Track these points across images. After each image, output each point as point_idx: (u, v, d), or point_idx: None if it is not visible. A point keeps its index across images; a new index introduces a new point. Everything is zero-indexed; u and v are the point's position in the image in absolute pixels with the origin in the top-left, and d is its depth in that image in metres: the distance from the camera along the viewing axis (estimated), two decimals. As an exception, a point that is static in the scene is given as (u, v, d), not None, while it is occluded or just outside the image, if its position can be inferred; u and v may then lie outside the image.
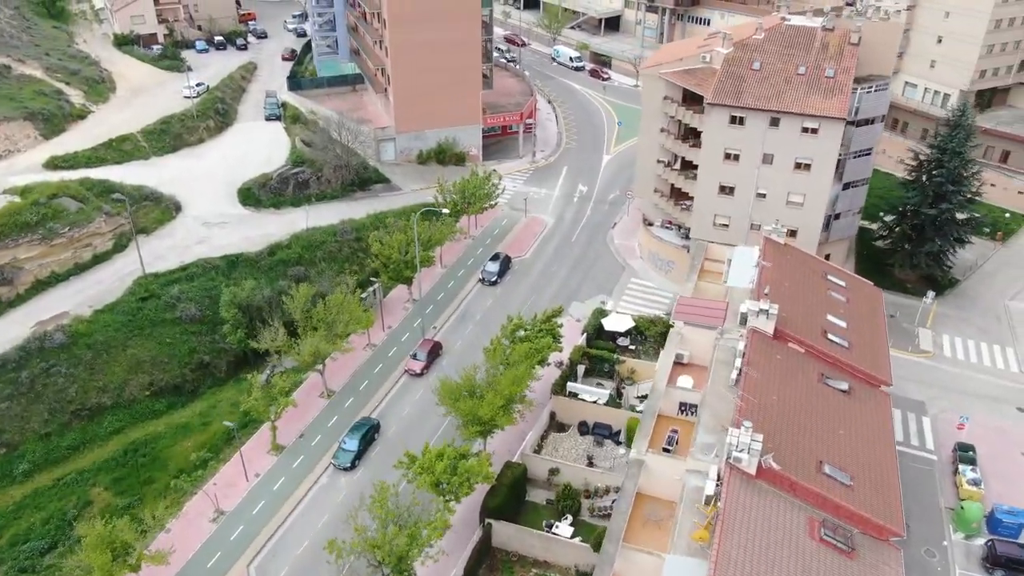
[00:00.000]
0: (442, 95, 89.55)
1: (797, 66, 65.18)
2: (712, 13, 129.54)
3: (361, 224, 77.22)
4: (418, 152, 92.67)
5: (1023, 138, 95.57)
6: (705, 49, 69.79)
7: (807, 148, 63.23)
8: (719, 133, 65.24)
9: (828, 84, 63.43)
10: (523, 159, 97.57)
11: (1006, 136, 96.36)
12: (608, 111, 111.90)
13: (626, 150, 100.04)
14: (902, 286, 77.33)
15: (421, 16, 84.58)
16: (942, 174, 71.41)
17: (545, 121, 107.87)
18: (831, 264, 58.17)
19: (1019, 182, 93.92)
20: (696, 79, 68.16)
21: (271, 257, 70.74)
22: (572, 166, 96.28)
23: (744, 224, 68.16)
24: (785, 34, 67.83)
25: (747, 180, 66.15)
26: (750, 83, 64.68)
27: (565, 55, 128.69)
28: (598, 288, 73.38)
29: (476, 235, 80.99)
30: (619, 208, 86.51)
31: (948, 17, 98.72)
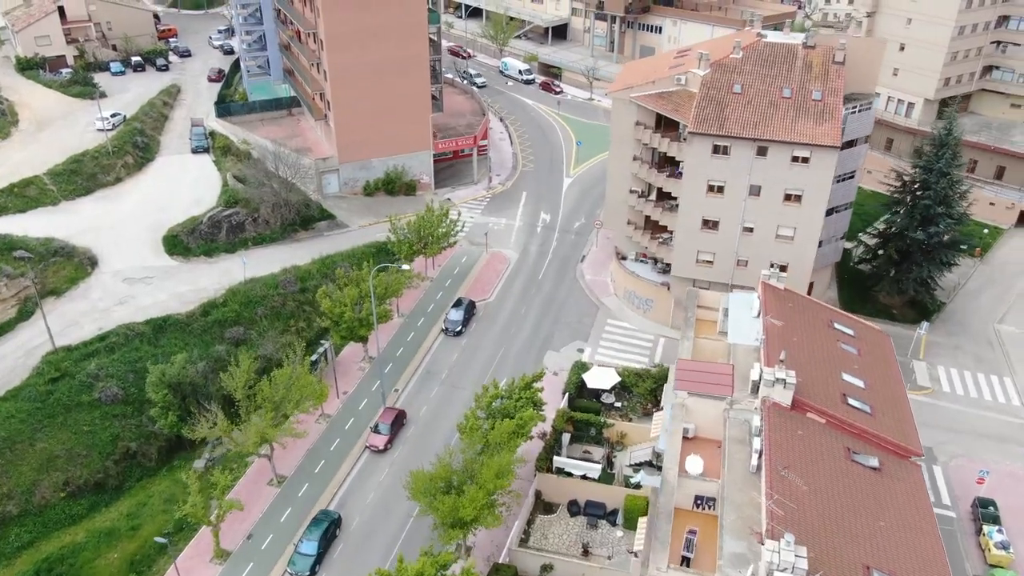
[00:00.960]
0: (388, 121, 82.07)
1: (781, 88, 59.97)
2: (663, 20, 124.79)
3: (306, 272, 69.17)
4: (365, 183, 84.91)
5: (992, 147, 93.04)
6: (679, 70, 64.07)
7: (797, 178, 58.06)
8: (701, 164, 59.60)
9: (817, 108, 58.35)
10: (479, 185, 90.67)
11: (975, 146, 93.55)
12: (564, 128, 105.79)
13: (588, 171, 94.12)
14: (887, 312, 73.28)
15: (362, 36, 76.92)
16: (930, 196, 67.33)
17: (498, 141, 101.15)
18: (834, 310, 52.97)
19: (990, 192, 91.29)
20: (672, 104, 62.38)
21: (205, 318, 62.25)
22: (532, 191, 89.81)
23: (730, 260, 62.74)
24: (764, 53, 62.59)
25: (733, 213, 60.70)
26: (733, 108, 59.18)
27: (514, 68, 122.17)
28: (572, 333, 67.03)
29: (434, 276, 73.76)
30: (586, 238, 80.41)
31: (910, 24, 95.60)
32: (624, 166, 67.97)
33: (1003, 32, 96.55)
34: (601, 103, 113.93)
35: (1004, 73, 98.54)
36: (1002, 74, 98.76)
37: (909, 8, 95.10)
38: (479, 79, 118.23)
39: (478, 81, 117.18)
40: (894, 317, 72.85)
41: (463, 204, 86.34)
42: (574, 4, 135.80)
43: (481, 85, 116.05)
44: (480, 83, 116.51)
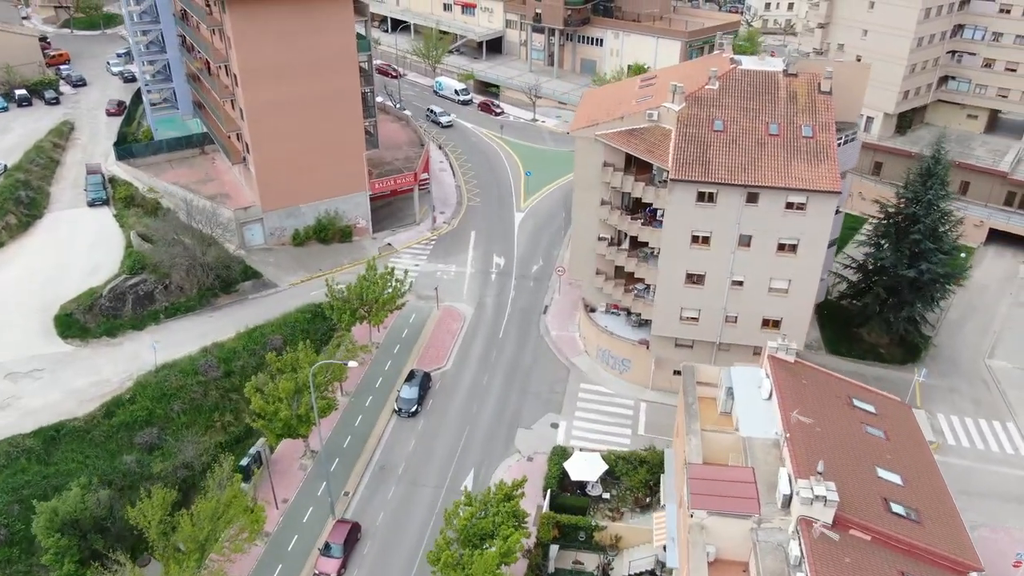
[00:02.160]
0: (317, 161, 72.55)
1: (767, 124, 53.37)
2: (604, 32, 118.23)
3: (230, 350, 59.25)
4: (294, 232, 75.09)
5: (956, 162, 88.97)
6: (650, 104, 56.85)
7: (793, 227, 51.55)
8: (684, 214, 52.49)
9: (809, 146, 51.95)
10: (422, 225, 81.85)
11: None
12: (509, 154, 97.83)
13: (540, 202, 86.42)
14: (875, 351, 68.03)
15: (282, 69, 67.23)
16: (919, 230, 62.10)
17: (439, 172, 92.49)
18: (849, 382, 46.52)
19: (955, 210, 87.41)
20: (645, 144, 55.11)
21: (109, 421, 51.92)
22: (481, 229, 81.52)
23: (718, 317, 55.92)
24: (743, 83, 55.92)
25: (720, 266, 53.83)
26: (716, 149, 52.26)
27: (449, 87, 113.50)
28: (544, 404, 59.14)
29: (380, 341, 64.72)
30: (546, 284, 72.65)
31: (867, 36, 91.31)
32: (591, 211, 60.44)
33: (958, 41, 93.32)
34: (546, 124, 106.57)
35: (960, 83, 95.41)
36: (957, 84, 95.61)
37: (865, 19, 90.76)
38: (444, 117, 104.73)
39: (443, 120, 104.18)
40: (882, 357, 67.63)
41: (406, 249, 77.49)
42: (508, 16, 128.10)
43: (447, 125, 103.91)
44: (446, 122, 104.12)
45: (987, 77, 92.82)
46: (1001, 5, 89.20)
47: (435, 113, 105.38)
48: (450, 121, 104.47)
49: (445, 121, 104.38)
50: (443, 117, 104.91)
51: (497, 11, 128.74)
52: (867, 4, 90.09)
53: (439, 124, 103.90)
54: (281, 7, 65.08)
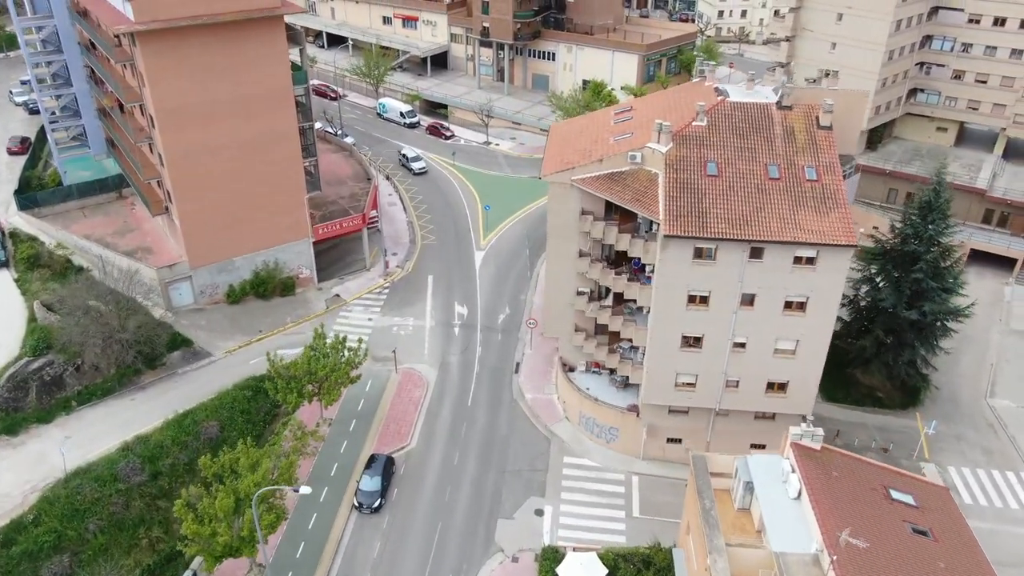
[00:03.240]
0: (252, 209, 64.22)
1: (766, 166, 47.44)
2: (557, 46, 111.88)
3: (157, 445, 50.63)
4: (228, 288, 66.49)
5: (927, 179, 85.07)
6: (631, 144, 50.36)
7: (801, 283, 45.68)
8: (679, 272, 46.15)
9: (815, 191, 46.18)
10: (373, 271, 73.99)
11: (911, 178, 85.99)
12: (463, 182, 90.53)
13: (501, 238, 79.39)
14: (872, 395, 63.21)
15: (207, 108, 58.78)
16: (921, 268, 57.16)
17: (389, 208, 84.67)
18: (881, 466, 40.79)
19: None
20: (631, 191, 48.57)
21: (8, 551, 42.86)
22: (439, 273, 74.08)
23: (717, 382, 49.79)
24: (733, 118, 49.94)
25: (720, 328, 47.68)
26: (712, 197, 46.06)
27: (394, 109, 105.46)
28: (525, 486, 52.14)
29: (334, 416, 56.79)
30: (516, 335, 65.70)
31: (835, 49, 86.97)
32: (567, 263, 53.71)
33: (927, 53, 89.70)
34: (500, 147, 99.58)
35: (929, 96, 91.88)
36: (927, 96, 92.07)
37: (834, 32, 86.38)
38: (417, 163, 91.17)
39: (415, 167, 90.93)
40: (881, 402, 62.77)
41: (356, 301, 69.56)
42: (453, 30, 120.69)
43: (420, 172, 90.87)
44: (418, 169, 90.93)
45: (957, 89, 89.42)
46: (970, 15, 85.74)
47: (407, 158, 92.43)
48: (424, 168, 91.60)
49: (418, 168, 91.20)
50: (415, 163, 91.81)
51: (441, 25, 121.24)
52: (835, 16, 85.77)
53: (411, 171, 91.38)
54: (202, 39, 56.61)
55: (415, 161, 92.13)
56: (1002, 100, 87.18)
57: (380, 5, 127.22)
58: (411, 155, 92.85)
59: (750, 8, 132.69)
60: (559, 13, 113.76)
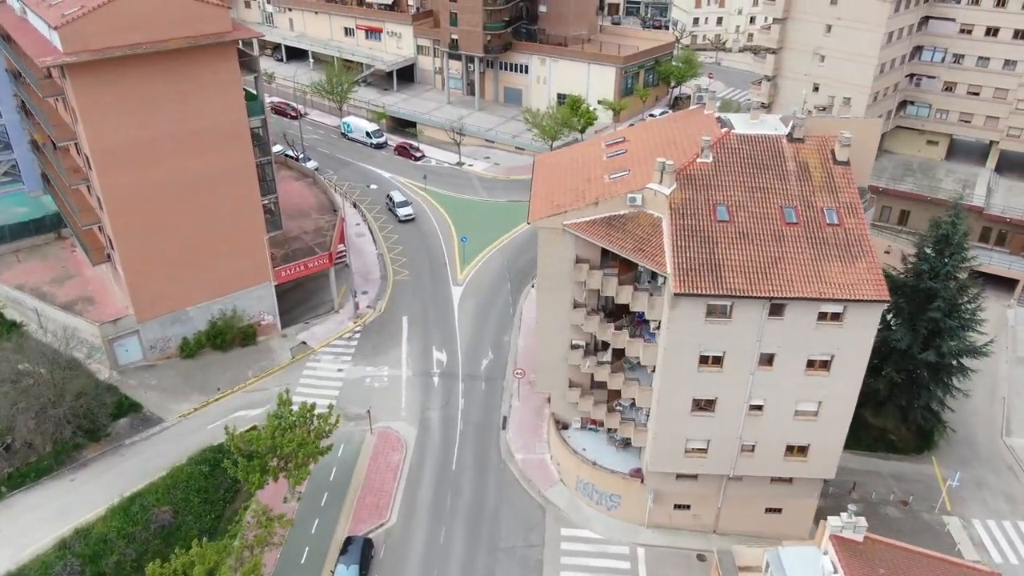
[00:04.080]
0: (206, 254, 57.99)
1: (781, 209, 42.66)
2: (530, 59, 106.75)
3: (100, 539, 44.17)
4: (182, 341, 60.13)
5: (923, 196, 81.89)
6: (629, 184, 45.27)
7: (826, 341, 40.96)
8: (691, 332, 41.14)
9: (837, 237, 41.50)
10: (341, 313, 68.03)
11: (906, 195, 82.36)
12: (435, 208, 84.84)
13: (480, 272, 73.90)
14: (884, 438, 59.05)
15: (151, 146, 52.47)
16: (939, 307, 53.00)
17: (356, 239, 78.69)
18: (928, 555, 36.18)
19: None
20: (633, 239, 43.44)
21: None
22: (414, 313, 68.35)
23: (731, 447, 44.89)
24: (741, 153, 45.13)
25: (735, 390, 42.79)
26: (724, 246, 41.13)
27: (360, 129, 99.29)
28: (520, 566, 46.71)
29: (303, 489, 50.78)
30: (500, 383, 60.32)
31: (824, 62, 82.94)
32: (559, 314, 48.52)
33: (917, 64, 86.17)
34: (473, 168, 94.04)
35: (919, 108, 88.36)
36: (917, 109, 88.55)
37: (823, 44, 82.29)
38: (403, 209, 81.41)
39: (401, 213, 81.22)
40: (894, 446, 58.62)
41: (324, 349, 63.57)
42: (420, 41, 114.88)
43: (406, 218, 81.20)
44: (404, 216, 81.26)
45: (949, 101, 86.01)
46: (962, 25, 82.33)
47: (394, 202, 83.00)
48: (410, 215, 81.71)
49: (403, 215, 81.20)
50: (401, 209, 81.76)
51: (406, 36, 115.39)
52: (823, 28, 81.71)
53: (396, 217, 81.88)
54: (143, 70, 50.27)
55: (401, 207, 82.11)
56: (995, 112, 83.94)
57: (342, 16, 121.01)
58: (398, 199, 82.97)
59: (726, 15, 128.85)
60: (531, 24, 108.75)
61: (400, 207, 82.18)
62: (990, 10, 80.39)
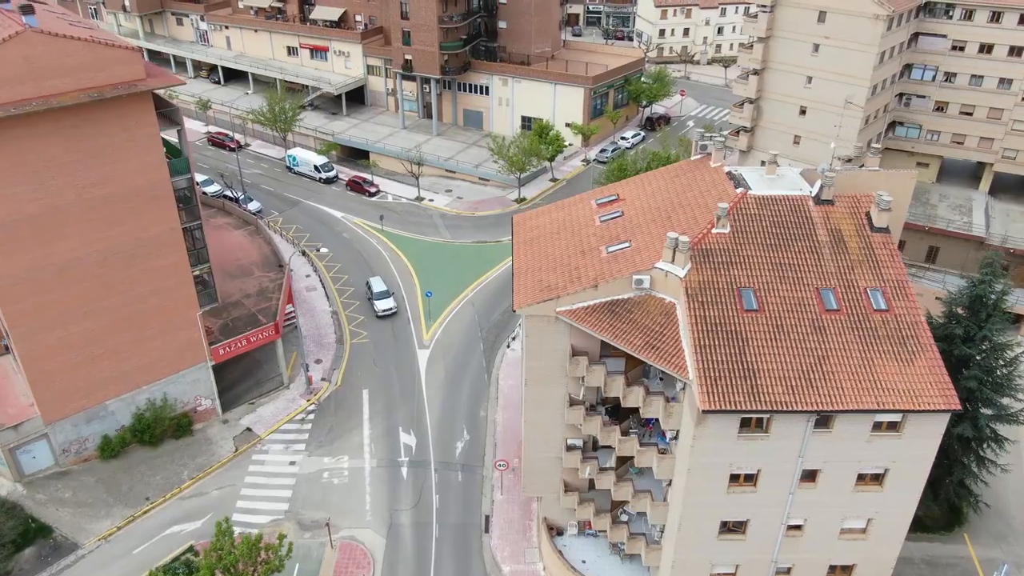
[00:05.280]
0: (127, 338, 49.01)
1: (818, 292, 35.70)
2: (491, 79, 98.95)
3: None
4: (102, 440, 50.94)
5: (927, 228, 76.32)
6: (633, 261, 37.87)
7: (880, 454, 34.18)
8: (721, 451, 33.90)
9: (888, 326, 34.70)
10: (292, 388, 59.45)
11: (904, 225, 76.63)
12: (395, 253, 76.51)
13: (448, 329, 65.91)
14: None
15: (49, 217, 43.42)
16: (976, 377, 46.83)
17: (306, 293, 70.02)
18: None
19: (929, 283, 74.57)
20: (641, 331, 36.01)
21: None
22: (375, 384, 60.10)
23: (764, 572, 37.84)
24: (763, 219, 38.12)
25: (771, 511, 35.72)
26: (757, 344, 33.97)
27: (307, 162, 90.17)
28: None
29: (251, 628, 42.25)
30: (479, 473, 52.47)
31: (811, 83, 76.91)
32: (551, 410, 40.96)
33: (906, 83, 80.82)
34: (434, 203, 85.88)
35: (909, 129, 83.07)
36: (907, 130, 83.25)
37: (810, 64, 76.17)
38: (383, 303, 65.90)
39: (381, 308, 65.76)
40: (922, 524, 52.07)
41: (273, 436, 54.95)
42: (370, 61, 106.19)
43: (386, 312, 65.65)
44: (384, 310, 65.71)
45: (940, 122, 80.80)
46: (954, 42, 77.09)
47: (372, 292, 67.40)
48: (391, 309, 66.07)
49: (382, 309, 65.91)
50: (380, 302, 66.28)
51: (355, 55, 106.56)
52: (810, 47, 75.62)
53: (377, 314, 66.22)
54: (36, 129, 41.21)
55: (381, 299, 66.54)
56: (990, 133, 79.01)
57: (284, 34, 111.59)
58: (377, 289, 67.47)
59: (693, 26, 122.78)
60: (490, 41, 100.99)
61: (379, 299, 66.70)
62: (984, 25, 75.25)
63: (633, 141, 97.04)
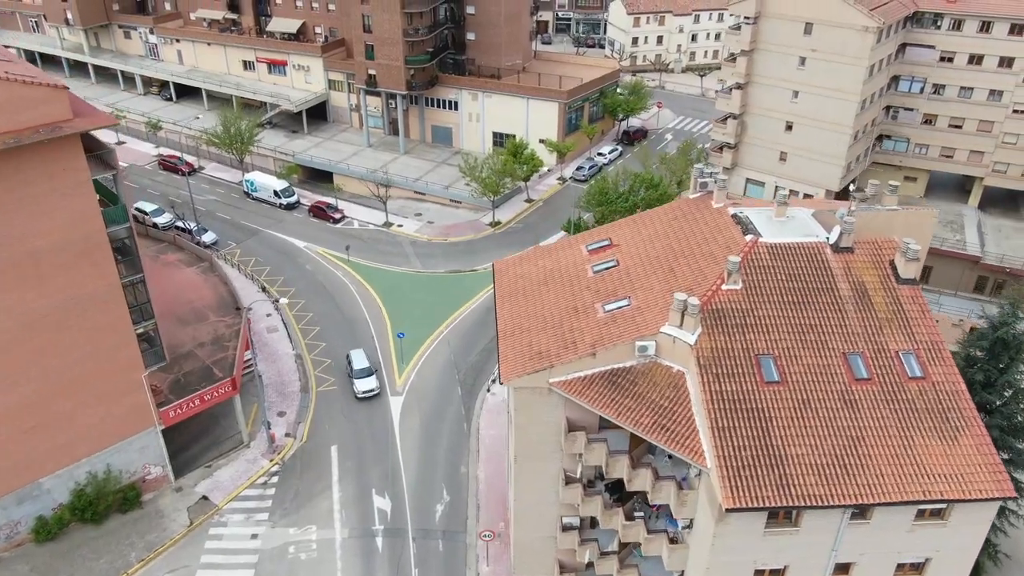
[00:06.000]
0: (60, 407, 43.47)
1: (845, 357, 31.67)
2: (460, 93, 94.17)
3: None
4: (35, 522, 45.25)
5: (915, 244, 73.46)
6: (636, 326, 33.52)
7: (923, 543, 30.24)
8: (745, 548, 29.67)
9: (927, 397, 30.79)
10: (253, 447, 54.14)
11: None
12: (362, 287, 71.36)
13: (422, 372, 61.05)
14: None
15: (-36, 283, 37.81)
16: (997, 425, 43.31)
17: (265, 334, 64.68)
18: None
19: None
20: (648, 408, 31.66)
21: None
22: (345, 439, 55.03)
23: (790, 669, 33.71)
24: (777, 272, 34.04)
25: (799, 607, 31.60)
26: (782, 424, 29.82)
27: (266, 187, 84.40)
28: None
29: None
30: (462, 539, 47.74)
31: (798, 98, 73.44)
32: (544, 491, 36.49)
33: (893, 95, 77.85)
34: (403, 228, 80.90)
35: (897, 143, 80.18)
36: (894, 144, 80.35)
37: (796, 78, 72.72)
38: (364, 383, 57.16)
39: (360, 388, 57.01)
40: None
41: (233, 504, 49.64)
42: (331, 75, 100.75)
43: (366, 394, 56.89)
44: (363, 391, 56.99)
45: (929, 136, 77.99)
46: (942, 53, 74.21)
47: (352, 368, 58.18)
48: (373, 389, 57.22)
49: (362, 390, 56.97)
50: (361, 381, 57.28)
51: (316, 69, 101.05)
52: (796, 60, 72.13)
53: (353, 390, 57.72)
54: (-62, 185, 35.64)
55: (361, 378, 57.66)
56: (980, 147, 76.33)
57: (239, 47, 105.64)
58: (358, 365, 58.47)
59: (667, 34, 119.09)
60: (458, 54, 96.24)
61: (360, 378, 57.53)
62: (973, 36, 72.49)
63: (611, 157, 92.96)
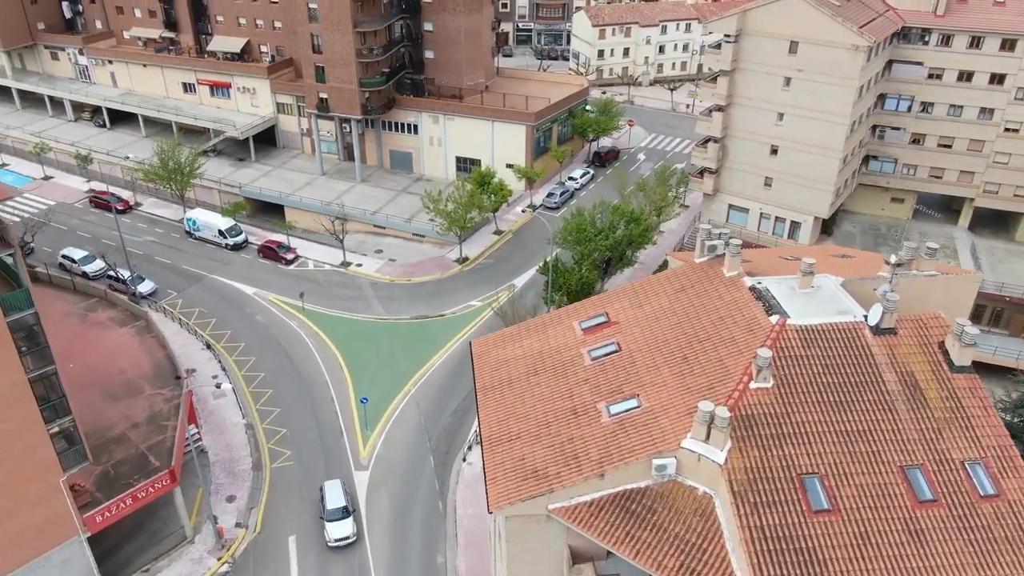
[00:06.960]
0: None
1: (903, 472, 26.47)
2: (419, 116, 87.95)
3: None
4: (-69, 664, 38.05)
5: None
6: (652, 441, 27.93)
7: None
8: None
9: (1004, 519, 25.75)
10: (198, 542, 47.36)
11: (887, 272, 69.52)
12: (319, 339, 64.75)
13: (391, 438, 54.90)
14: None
15: None
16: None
17: (213, 401, 57.76)
18: None
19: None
20: (672, 542, 26.11)
21: None
22: (304, 529, 48.46)
23: None
24: (811, 362, 28.73)
25: None
26: (836, 565, 24.47)
27: (210, 226, 76.95)
28: None
29: None
30: (443, 648, 41.68)
31: (783, 121, 68.87)
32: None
33: (880, 114, 73.91)
34: (362, 268, 74.40)
35: (884, 163, 76.32)
36: (881, 165, 76.50)
37: (781, 100, 68.23)
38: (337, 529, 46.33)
39: (332, 534, 46.33)
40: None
41: (176, 617, 42.89)
42: (280, 98, 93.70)
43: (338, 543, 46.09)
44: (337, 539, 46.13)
45: (917, 156, 74.27)
46: (931, 70, 70.42)
47: (325, 509, 47.41)
48: (347, 536, 46.24)
49: (335, 538, 46.16)
50: (335, 525, 46.53)
51: (262, 92, 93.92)
52: (781, 81, 67.59)
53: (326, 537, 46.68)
54: None
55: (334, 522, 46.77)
56: (970, 167, 72.79)
57: (178, 68, 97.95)
58: (332, 504, 47.54)
59: (633, 46, 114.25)
60: (416, 73, 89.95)
61: (332, 520, 46.81)
62: (963, 52, 68.80)
63: (582, 181, 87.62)
